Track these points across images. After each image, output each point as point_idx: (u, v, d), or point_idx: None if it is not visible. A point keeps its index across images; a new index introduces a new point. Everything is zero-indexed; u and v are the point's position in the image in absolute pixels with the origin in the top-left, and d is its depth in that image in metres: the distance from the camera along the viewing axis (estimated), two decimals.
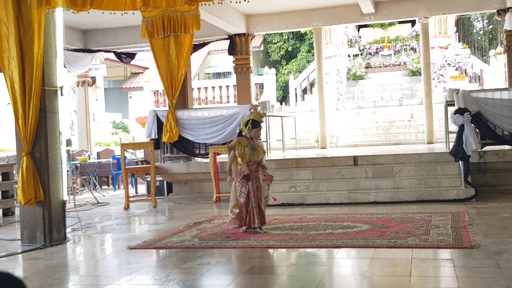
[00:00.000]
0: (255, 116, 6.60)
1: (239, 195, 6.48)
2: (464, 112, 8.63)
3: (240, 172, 6.48)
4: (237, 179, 6.50)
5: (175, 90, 10.32)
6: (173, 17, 9.89)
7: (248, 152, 6.46)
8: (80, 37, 13.78)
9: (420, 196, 8.47)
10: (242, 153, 6.45)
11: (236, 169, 6.55)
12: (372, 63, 21.59)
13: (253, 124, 6.55)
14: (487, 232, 5.88)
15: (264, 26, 13.68)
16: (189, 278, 4.64)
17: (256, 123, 6.57)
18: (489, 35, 28.70)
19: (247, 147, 6.48)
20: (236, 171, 6.55)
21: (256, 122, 6.58)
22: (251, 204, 6.45)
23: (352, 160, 9.60)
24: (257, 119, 6.59)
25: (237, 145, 6.51)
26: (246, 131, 6.56)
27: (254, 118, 6.58)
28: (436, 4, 12.63)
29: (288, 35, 25.83)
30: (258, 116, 6.62)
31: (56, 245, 6.43)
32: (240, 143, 6.52)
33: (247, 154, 6.46)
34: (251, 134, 6.56)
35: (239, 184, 6.47)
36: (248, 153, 6.47)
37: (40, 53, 6.40)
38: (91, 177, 13.22)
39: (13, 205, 9.63)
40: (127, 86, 26.57)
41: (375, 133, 15.74)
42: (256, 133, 6.59)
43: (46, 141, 6.51)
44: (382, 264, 4.81)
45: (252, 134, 6.56)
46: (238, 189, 6.49)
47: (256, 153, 6.53)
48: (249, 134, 6.55)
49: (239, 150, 6.46)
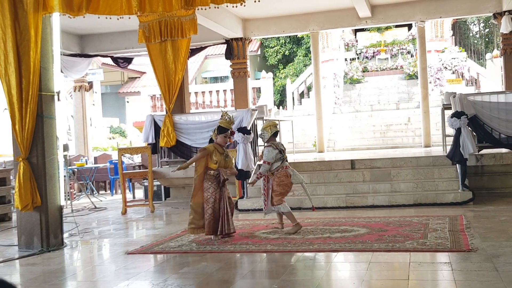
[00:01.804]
0: (222, 123, 6.53)
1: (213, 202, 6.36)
2: (461, 116, 8.64)
3: (214, 177, 6.40)
4: (209, 183, 6.39)
5: (172, 95, 10.32)
6: (170, 22, 9.91)
7: (223, 160, 6.43)
8: (77, 42, 13.77)
9: (417, 199, 8.47)
10: (219, 160, 6.40)
11: (207, 173, 6.43)
12: (369, 67, 21.62)
13: (219, 130, 6.50)
14: (485, 235, 5.88)
15: (261, 30, 13.70)
16: (187, 283, 4.63)
17: (223, 129, 6.50)
18: (485, 39, 28.77)
19: (222, 155, 6.45)
20: (207, 175, 6.42)
21: (223, 128, 6.50)
22: (225, 210, 6.39)
23: (350, 164, 9.60)
24: (224, 125, 6.51)
25: (215, 152, 6.41)
26: (214, 136, 6.54)
27: (221, 124, 6.52)
28: (432, 8, 12.66)
29: (285, 39, 25.87)
30: (225, 123, 6.53)
31: (53, 251, 6.41)
32: (216, 149, 6.44)
33: (222, 161, 6.43)
34: (217, 140, 6.51)
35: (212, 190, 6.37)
36: (223, 160, 6.44)
37: (37, 58, 6.39)
38: (88, 182, 13.19)
39: (10, 211, 9.61)
40: (124, 90, 26.56)
41: (372, 136, 15.76)
42: (222, 139, 6.50)
43: (43, 146, 6.49)
44: (380, 268, 4.81)
45: (218, 140, 6.50)
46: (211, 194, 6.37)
47: (229, 160, 6.52)
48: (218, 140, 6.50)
49: (216, 156, 6.39)
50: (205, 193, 6.43)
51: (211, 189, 6.40)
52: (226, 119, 6.57)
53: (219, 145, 6.51)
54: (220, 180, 6.41)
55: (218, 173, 6.41)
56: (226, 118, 6.58)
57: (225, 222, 6.37)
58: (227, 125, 6.53)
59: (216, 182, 6.41)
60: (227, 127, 6.53)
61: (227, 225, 6.40)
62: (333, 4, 12.71)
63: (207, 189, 6.41)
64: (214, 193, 6.39)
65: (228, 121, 6.59)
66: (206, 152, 6.46)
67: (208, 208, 6.39)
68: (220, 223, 6.37)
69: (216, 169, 6.40)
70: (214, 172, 6.40)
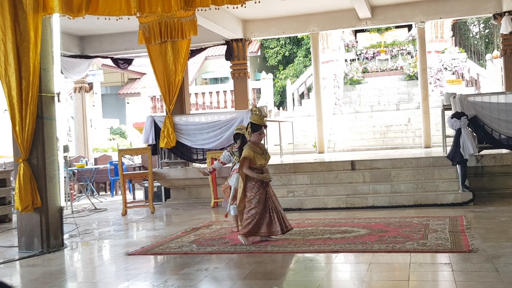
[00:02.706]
0: (253, 119, 6.04)
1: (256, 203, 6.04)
2: (461, 116, 8.64)
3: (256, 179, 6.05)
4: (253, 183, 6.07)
5: (172, 96, 10.32)
6: (170, 23, 9.91)
7: (264, 159, 6.07)
8: (77, 43, 13.78)
9: (417, 200, 8.47)
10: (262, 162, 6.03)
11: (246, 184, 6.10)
12: (369, 68, 21.63)
13: (252, 127, 6.04)
14: (485, 236, 5.88)
15: (261, 31, 13.70)
16: (187, 284, 4.63)
17: (256, 126, 6.03)
18: (485, 39, 28.77)
19: (263, 155, 6.05)
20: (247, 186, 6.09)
21: (257, 125, 6.03)
22: (272, 209, 6.11)
23: (350, 165, 9.60)
24: (256, 122, 6.02)
25: (255, 155, 5.98)
26: (247, 135, 6.14)
27: (253, 121, 6.03)
28: (432, 9, 12.66)
29: (285, 40, 25.88)
30: (257, 119, 6.03)
31: (53, 252, 6.41)
32: (256, 152, 5.99)
33: (264, 161, 6.08)
34: (251, 138, 6.07)
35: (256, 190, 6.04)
36: (265, 160, 6.08)
37: (37, 59, 6.39)
38: (89, 183, 13.19)
39: (10, 212, 9.61)
40: (124, 91, 26.57)
41: (373, 137, 15.76)
42: (257, 137, 6.04)
43: (43, 147, 6.49)
44: (381, 269, 4.81)
45: (252, 138, 6.06)
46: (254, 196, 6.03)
47: (268, 157, 6.16)
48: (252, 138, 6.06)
49: (260, 160, 6.00)
50: (248, 192, 6.07)
51: (255, 189, 6.05)
52: (257, 114, 6.04)
53: (255, 145, 6.05)
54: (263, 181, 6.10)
55: (262, 173, 6.08)
56: (257, 113, 6.05)
57: (281, 220, 6.10)
58: (259, 121, 6.02)
59: (260, 181, 6.07)
60: (260, 123, 6.02)
61: (284, 222, 6.12)
62: (333, 5, 12.72)
63: (250, 189, 6.06)
64: (258, 193, 6.04)
65: (260, 115, 6.04)
66: (248, 160, 5.99)
67: (250, 209, 6.04)
68: (278, 222, 6.06)
69: (259, 168, 6.04)
70: (257, 172, 6.05)
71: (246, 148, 6.05)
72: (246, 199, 6.10)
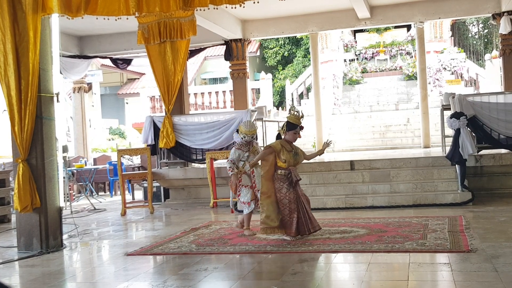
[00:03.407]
0: (290, 118, 6.19)
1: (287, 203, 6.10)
2: (460, 116, 8.65)
3: (285, 176, 6.14)
4: (281, 184, 6.14)
5: (171, 96, 10.32)
6: (169, 23, 9.91)
7: (291, 158, 6.14)
8: (76, 43, 13.77)
9: (417, 200, 8.47)
10: (287, 159, 6.11)
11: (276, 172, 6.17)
12: (368, 68, 21.63)
13: (288, 126, 6.19)
14: (484, 236, 5.88)
15: (260, 31, 13.70)
16: (187, 284, 4.63)
17: (292, 125, 6.19)
18: (484, 39, 28.80)
19: (291, 152, 6.15)
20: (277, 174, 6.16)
21: (293, 124, 6.19)
22: (304, 209, 6.15)
23: (349, 165, 9.60)
24: (293, 121, 6.18)
25: (282, 150, 6.11)
26: (283, 133, 6.25)
27: (289, 120, 6.20)
28: (431, 9, 12.67)
29: (284, 40, 25.89)
30: (294, 118, 6.19)
31: (52, 252, 6.41)
32: (284, 147, 6.13)
33: (291, 159, 6.14)
34: (286, 137, 6.21)
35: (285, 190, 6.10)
36: (292, 158, 6.15)
37: (36, 60, 6.39)
38: (88, 183, 13.19)
39: (9, 212, 9.60)
40: (124, 92, 26.56)
41: (372, 137, 15.76)
42: (291, 136, 6.19)
43: (42, 147, 6.49)
44: (380, 269, 4.81)
45: (287, 137, 6.20)
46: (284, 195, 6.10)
47: (298, 158, 6.23)
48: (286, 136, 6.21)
49: (284, 155, 6.13)
50: (278, 194, 6.15)
51: (283, 190, 6.12)
52: (294, 114, 6.21)
53: (288, 142, 6.19)
54: (292, 180, 6.14)
55: (289, 173, 6.12)
56: (294, 113, 6.22)
57: (307, 221, 6.13)
58: (296, 121, 6.19)
59: (287, 182, 6.12)
60: (296, 122, 6.18)
61: (311, 223, 6.15)
62: (332, 5, 12.72)
63: (279, 190, 6.14)
64: (288, 194, 6.10)
65: (297, 116, 6.22)
66: (271, 150, 6.14)
67: (284, 209, 6.14)
68: (304, 223, 6.12)
69: (287, 168, 6.11)
70: (285, 172, 6.12)
71: (277, 141, 6.25)
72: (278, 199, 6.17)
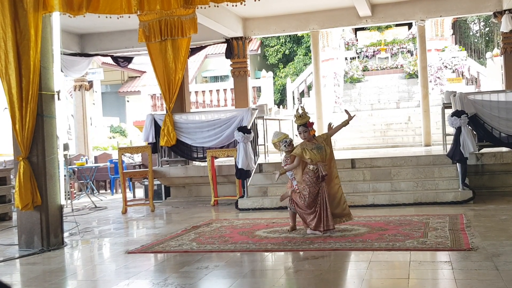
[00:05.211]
0: (295, 120, 6.36)
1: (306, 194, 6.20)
2: (461, 115, 8.64)
3: (313, 171, 6.19)
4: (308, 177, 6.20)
5: (172, 94, 10.31)
6: (170, 21, 9.90)
7: (316, 153, 6.19)
8: (77, 41, 13.77)
9: (417, 198, 8.47)
10: (311, 157, 6.17)
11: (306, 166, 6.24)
12: (369, 66, 21.61)
13: (297, 129, 6.38)
14: (485, 234, 5.88)
15: (261, 29, 13.69)
16: (188, 282, 4.63)
17: (297, 126, 6.35)
18: (485, 38, 28.77)
19: (313, 149, 6.20)
20: (306, 168, 6.24)
21: (297, 125, 6.33)
22: (324, 206, 6.20)
23: (350, 163, 9.60)
24: (297, 122, 6.33)
25: (304, 151, 6.19)
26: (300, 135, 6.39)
27: (295, 122, 6.38)
28: (432, 7, 12.65)
29: (285, 38, 25.85)
30: (295, 120, 6.36)
31: (53, 250, 6.41)
32: (305, 148, 6.21)
33: (316, 156, 6.18)
34: (301, 137, 6.35)
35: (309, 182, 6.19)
36: (317, 154, 6.19)
37: (37, 58, 6.39)
38: (89, 181, 13.20)
39: (10, 210, 9.61)
40: (125, 90, 26.56)
41: (373, 135, 15.75)
42: (304, 135, 6.29)
43: (43, 145, 6.49)
44: (380, 267, 4.81)
45: (302, 137, 6.32)
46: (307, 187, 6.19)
47: (322, 151, 6.25)
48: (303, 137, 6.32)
49: (308, 155, 6.17)
50: (301, 185, 6.30)
51: (308, 182, 6.22)
52: (295, 115, 6.34)
53: (308, 141, 6.28)
54: (319, 176, 6.20)
55: (317, 168, 6.20)
56: (295, 114, 6.35)
57: (325, 218, 6.19)
58: (297, 121, 6.32)
59: (315, 177, 6.21)
60: (300, 123, 6.30)
61: (326, 221, 6.20)
62: (333, 3, 12.71)
63: (304, 181, 6.26)
64: (310, 186, 6.21)
65: (298, 115, 6.30)
66: (293, 158, 6.32)
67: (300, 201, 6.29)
68: (322, 219, 6.19)
69: (315, 163, 6.19)
70: (313, 167, 6.20)
71: (297, 145, 6.38)
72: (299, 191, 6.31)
